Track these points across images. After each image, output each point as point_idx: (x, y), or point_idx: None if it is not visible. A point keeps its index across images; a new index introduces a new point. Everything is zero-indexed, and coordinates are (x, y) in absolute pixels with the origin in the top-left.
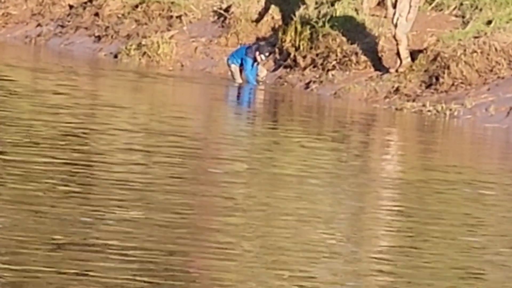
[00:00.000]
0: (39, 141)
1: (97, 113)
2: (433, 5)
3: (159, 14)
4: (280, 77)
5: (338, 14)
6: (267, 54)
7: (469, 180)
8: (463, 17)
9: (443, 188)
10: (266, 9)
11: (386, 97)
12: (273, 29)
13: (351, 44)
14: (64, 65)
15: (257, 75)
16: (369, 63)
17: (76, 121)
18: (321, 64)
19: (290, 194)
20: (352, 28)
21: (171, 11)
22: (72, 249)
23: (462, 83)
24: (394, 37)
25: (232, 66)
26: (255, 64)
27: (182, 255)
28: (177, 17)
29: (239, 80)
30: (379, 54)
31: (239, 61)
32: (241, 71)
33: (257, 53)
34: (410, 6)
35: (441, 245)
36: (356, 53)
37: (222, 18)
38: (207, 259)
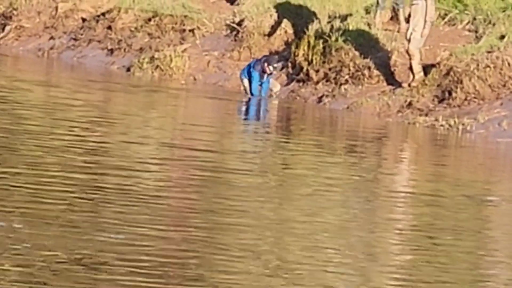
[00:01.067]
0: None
1: (111, 127)
2: (446, 19)
3: (172, 28)
4: (292, 91)
5: (351, 28)
6: (275, 65)
7: (482, 195)
8: (476, 31)
9: (456, 203)
10: (278, 23)
11: (398, 112)
12: (286, 43)
13: (364, 58)
14: (77, 78)
15: (270, 89)
16: (381, 77)
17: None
18: (334, 78)
19: (304, 208)
20: (365, 43)
21: (184, 25)
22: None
23: (475, 97)
24: (407, 51)
25: (245, 80)
26: (266, 76)
27: (196, 268)
28: (190, 30)
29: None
30: (392, 69)
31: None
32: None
33: (266, 64)
34: (425, 21)
35: (455, 259)
36: (369, 68)
37: (234, 32)
38: (222, 273)
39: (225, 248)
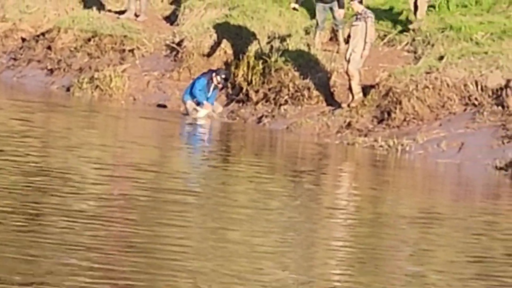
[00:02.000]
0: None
1: (50, 149)
2: (385, 40)
3: (112, 48)
4: (232, 112)
5: (290, 48)
6: (223, 76)
7: (419, 215)
8: (415, 52)
9: (392, 223)
10: (218, 43)
11: (338, 132)
12: (226, 63)
13: (304, 79)
14: (16, 98)
15: (213, 110)
16: (321, 98)
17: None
18: (274, 98)
19: (242, 227)
20: (304, 63)
21: (123, 45)
22: None
23: (414, 118)
24: (346, 72)
25: (188, 103)
26: (212, 86)
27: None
28: (129, 50)
29: (194, 116)
30: (331, 89)
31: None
32: (197, 104)
33: (214, 74)
34: (365, 42)
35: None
36: (309, 88)
37: (174, 52)
38: None
39: (165, 270)
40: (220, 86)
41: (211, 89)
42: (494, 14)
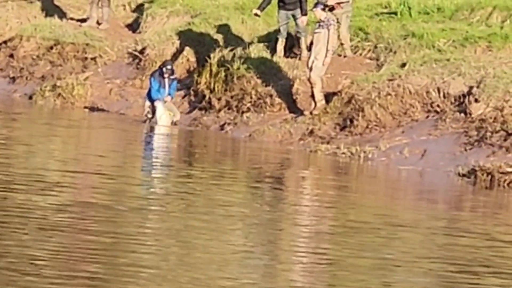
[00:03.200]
0: None
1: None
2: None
3: (74, 56)
4: (195, 119)
5: (252, 56)
6: (169, 67)
7: (383, 222)
8: (378, 59)
9: (356, 230)
10: (180, 51)
11: (300, 139)
12: (188, 71)
13: (266, 86)
14: None
15: (172, 119)
16: (283, 105)
17: None
18: (236, 106)
19: (203, 232)
20: (266, 71)
21: (86, 53)
22: None
23: (376, 125)
24: (308, 80)
25: (146, 103)
26: (166, 78)
27: None
28: (92, 58)
29: (150, 115)
30: (294, 97)
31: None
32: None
33: (164, 69)
34: (327, 50)
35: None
36: (271, 95)
37: (137, 60)
38: None
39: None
40: (170, 75)
41: (166, 83)
42: (456, 21)
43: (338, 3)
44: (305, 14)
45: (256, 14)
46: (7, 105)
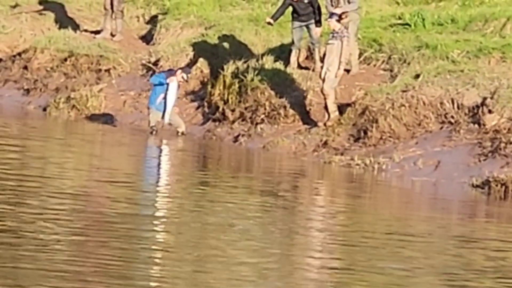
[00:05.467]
0: None
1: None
2: (361, 59)
3: (88, 68)
4: (208, 131)
5: (266, 67)
6: (188, 74)
7: (397, 234)
8: (391, 70)
9: (370, 241)
10: (194, 62)
11: (314, 151)
12: (202, 82)
13: (280, 97)
14: None
15: (176, 131)
16: (297, 116)
17: None
18: (250, 117)
19: (219, 244)
20: (280, 82)
21: (100, 65)
22: None
23: (390, 136)
24: (321, 91)
25: (150, 108)
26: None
27: None
28: (106, 70)
29: (153, 122)
30: (308, 108)
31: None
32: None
33: (180, 71)
34: (340, 62)
35: None
36: (285, 107)
37: (151, 72)
38: None
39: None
40: (182, 83)
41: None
42: (470, 32)
43: (344, 12)
44: (319, 25)
45: (269, 23)
46: (20, 117)
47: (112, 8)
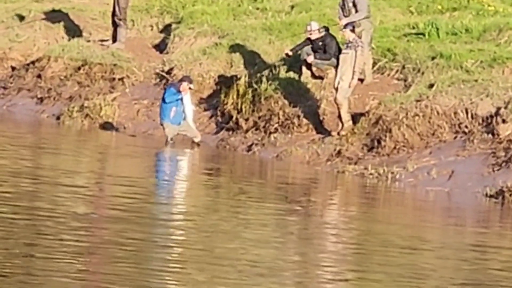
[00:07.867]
0: None
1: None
2: (375, 68)
3: (102, 76)
4: (222, 140)
5: (280, 76)
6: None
7: (409, 244)
8: (405, 80)
9: (382, 250)
10: (207, 72)
11: (328, 160)
12: (215, 91)
13: (293, 107)
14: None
15: (192, 141)
16: (311, 126)
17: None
18: (263, 126)
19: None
20: (294, 91)
21: (113, 73)
22: None
23: (404, 146)
24: (335, 101)
25: (165, 123)
26: (181, 97)
27: None
28: (119, 79)
29: (170, 136)
30: (321, 117)
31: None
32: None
33: (184, 83)
34: (354, 72)
35: None
36: (298, 116)
37: (164, 80)
38: None
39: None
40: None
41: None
42: (484, 42)
43: (350, 23)
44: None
45: (287, 54)
46: (34, 125)
47: (113, 15)
